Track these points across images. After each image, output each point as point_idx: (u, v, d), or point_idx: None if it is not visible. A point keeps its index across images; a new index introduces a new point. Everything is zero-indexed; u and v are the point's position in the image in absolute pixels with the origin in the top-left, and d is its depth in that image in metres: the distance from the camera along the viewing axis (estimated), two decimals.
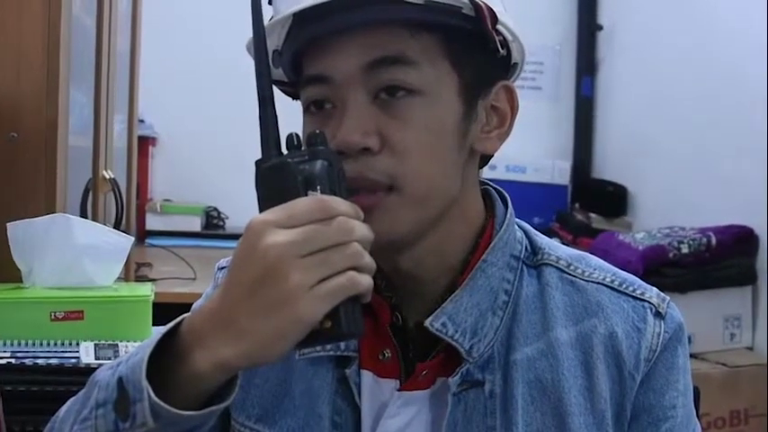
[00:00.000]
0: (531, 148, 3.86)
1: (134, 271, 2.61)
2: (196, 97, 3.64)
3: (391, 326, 0.92)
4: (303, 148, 0.76)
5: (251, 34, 0.83)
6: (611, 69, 3.97)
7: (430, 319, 0.89)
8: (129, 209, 2.60)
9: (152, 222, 3.47)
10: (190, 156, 3.71)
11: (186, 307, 0.94)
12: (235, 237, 3.33)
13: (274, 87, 0.81)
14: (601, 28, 4.00)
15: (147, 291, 1.49)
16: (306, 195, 0.73)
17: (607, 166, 3.98)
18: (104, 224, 1.94)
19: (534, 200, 3.77)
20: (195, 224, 3.55)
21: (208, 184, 3.70)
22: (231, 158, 3.46)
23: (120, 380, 0.75)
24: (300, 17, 0.86)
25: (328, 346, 0.91)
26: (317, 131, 0.77)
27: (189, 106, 3.65)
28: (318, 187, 0.74)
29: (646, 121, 3.66)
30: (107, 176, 2.14)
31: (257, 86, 0.79)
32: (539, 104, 3.99)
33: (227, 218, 3.65)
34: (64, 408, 0.86)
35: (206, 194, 3.68)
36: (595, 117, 4.06)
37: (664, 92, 3.54)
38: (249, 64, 0.82)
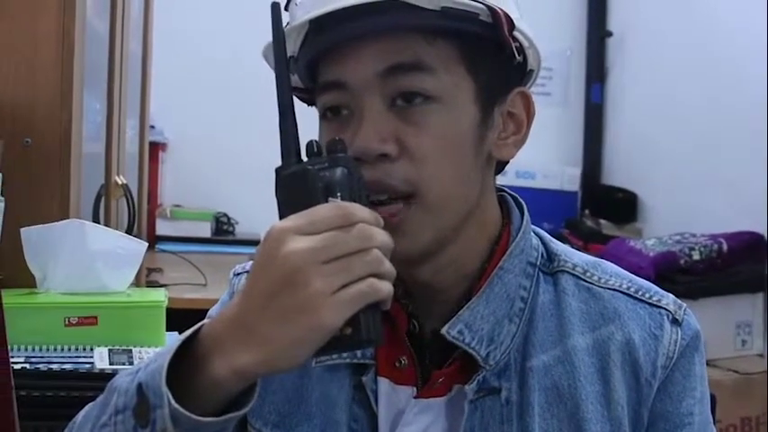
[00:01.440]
0: (541, 154, 3.85)
1: (145, 276, 2.61)
2: (206, 102, 3.64)
3: (408, 333, 0.92)
4: (323, 155, 0.76)
5: (264, 40, 0.82)
6: (621, 76, 3.96)
7: (446, 326, 0.89)
8: (140, 214, 2.60)
9: (162, 228, 3.47)
10: (200, 161, 3.72)
11: (197, 312, 0.94)
12: (245, 243, 3.35)
13: None
14: (610, 34, 3.99)
15: (160, 296, 1.49)
16: (326, 202, 0.73)
17: (617, 173, 3.97)
18: (117, 230, 1.95)
19: (544, 206, 3.76)
20: (205, 230, 3.55)
21: (218, 190, 3.70)
22: (241, 164, 3.48)
23: (139, 386, 0.75)
24: (317, 23, 0.87)
25: (345, 354, 0.91)
26: (338, 138, 0.77)
27: (199, 111, 3.65)
28: (339, 194, 0.74)
29: (655, 127, 3.65)
30: (119, 182, 2.14)
31: (278, 94, 0.79)
32: (548, 110, 3.98)
33: (237, 223, 3.65)
34: (81, 413, 0.86)
35: (216, 200, 3.68)
36: (605, 123, 4.05)
37: (673, 98, 3.54)
38: (261, 69, 0.82)
